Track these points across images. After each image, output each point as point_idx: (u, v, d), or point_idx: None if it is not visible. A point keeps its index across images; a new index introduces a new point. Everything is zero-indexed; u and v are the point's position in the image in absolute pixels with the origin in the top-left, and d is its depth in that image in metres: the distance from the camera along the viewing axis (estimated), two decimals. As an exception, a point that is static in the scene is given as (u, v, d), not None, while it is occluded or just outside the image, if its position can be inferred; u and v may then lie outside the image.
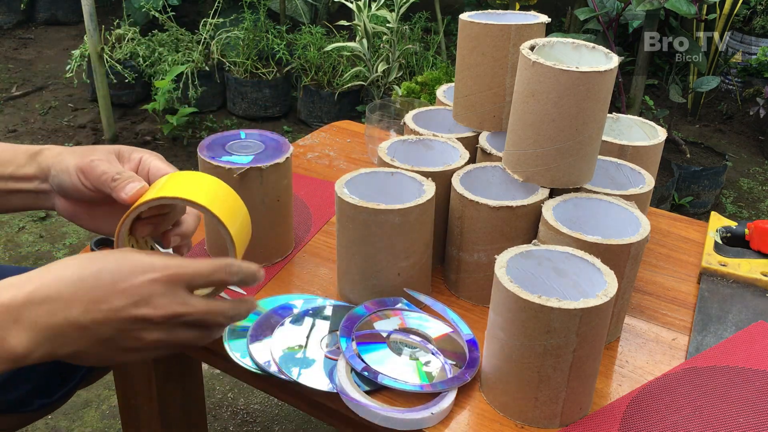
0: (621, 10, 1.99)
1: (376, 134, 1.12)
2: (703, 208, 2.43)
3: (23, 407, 0.88)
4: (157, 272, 0.56)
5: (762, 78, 3.08)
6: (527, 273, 0.69)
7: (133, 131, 2.74)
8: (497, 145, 0.88)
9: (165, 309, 0.56)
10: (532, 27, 0.83)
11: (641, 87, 2.15)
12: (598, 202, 0.77)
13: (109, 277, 0.55)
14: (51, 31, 3.84)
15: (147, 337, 0.56)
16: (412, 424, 0.64)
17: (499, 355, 0.65)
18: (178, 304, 0.56)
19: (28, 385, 0.87)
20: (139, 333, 0.56)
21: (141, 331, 0.56)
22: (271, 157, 0.82)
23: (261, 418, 1.48)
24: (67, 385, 0.92)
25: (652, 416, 0.66)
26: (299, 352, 0.71)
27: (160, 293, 0.56)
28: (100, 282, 0.54)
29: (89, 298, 0.54)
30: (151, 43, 2.79)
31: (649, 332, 0.79)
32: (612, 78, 0.73)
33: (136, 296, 0.55)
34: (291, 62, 2.85)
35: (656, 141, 0.88)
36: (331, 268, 0.87)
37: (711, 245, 0.93)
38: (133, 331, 0.56)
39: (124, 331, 0.55)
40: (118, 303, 0.54)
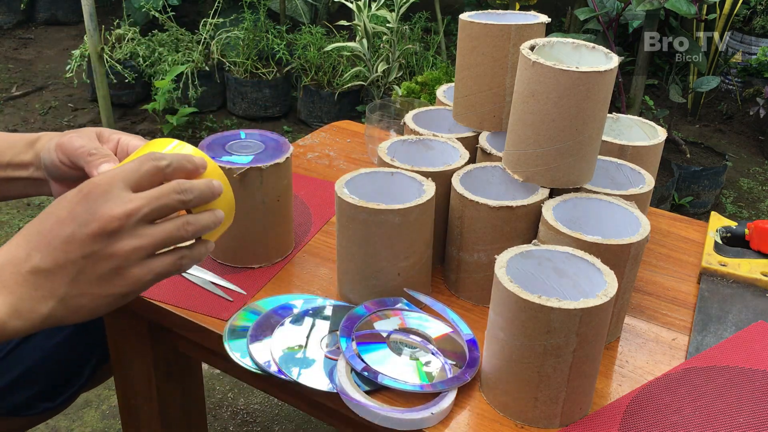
0: (621, 10, 1.99)
1: (376, 134, 1.12)
2: (703, 208, 2.43)
3: (28, 410, 0.88)
4: (88, 188, 0.54)
5: (762, 78, 3.08)
6: (527, 273, 0.69)
7: (133, 131, 2.74)
8: (497, 145, 0.88)
9: (111, 212, 0.53)
10: (532, 27, 0.83)
11: (641, 87, 2.15)
12: (598, 202, 0.77)
13: (50, 218, 0.54)
14: (51, 31, 3.84)
15: (117, 250, 0.53)
16: (412, 424, 0.64)
17: (499, 355, 0.65)
18: (123, 202, 0.53)
19: (33, 388, 0.87)
20: (106, 251, 0.53)
21: (106, 248, 0.53)
22: (271, 157, 0.82)
23: (261, 418, 1.48)
24: (71, 389, 0.92)
25: (652, 416, 0.66)
26: (299, 352, 0.71)
27: (101, 202, 0.53)
28: (43, 225, 0.53)
29: (39, 243, 0.53)
30: (151, 43, 2.79)
31: (649, 332, 0.79)
32: (612, 78, 0.73)
33: (79, 218, 0.53)
34: (291, 62, 2.85)
35: (656, 141, 0.88)
36: (331, 268, 0.87)
37: (711, 245, 0.93)
38: (98, 251, 0.53)
39: (89, 256, 0.53)
40: (65, 232, 0.52)
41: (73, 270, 0.53)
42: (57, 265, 0.53)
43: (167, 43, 2.81)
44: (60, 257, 0.53)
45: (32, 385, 0.87)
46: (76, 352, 0.92)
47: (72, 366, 0.92)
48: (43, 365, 0.88)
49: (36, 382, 0.88)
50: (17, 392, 0.86)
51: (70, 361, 0.92)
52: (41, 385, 0.88)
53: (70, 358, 0.91)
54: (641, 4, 1.84)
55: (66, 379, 0.91)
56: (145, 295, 0.79)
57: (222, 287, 0.81)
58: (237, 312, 0.77)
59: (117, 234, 0.53)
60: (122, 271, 0.54)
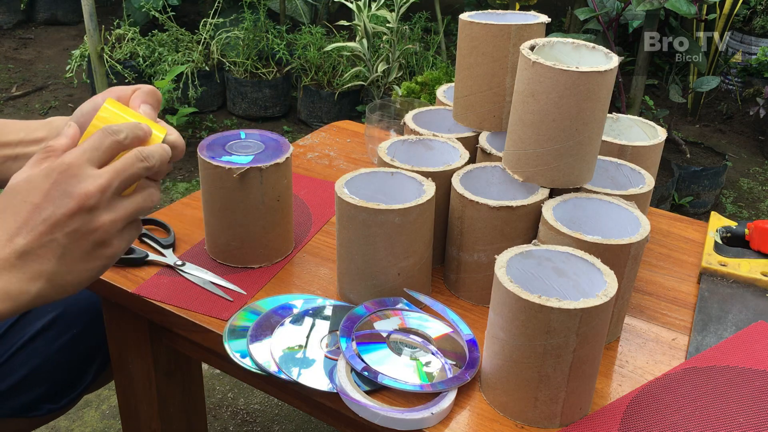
0: (621, 10, 1.99)
1: (376, 134, 1.12)
2: (703, 208, 2.43)
3: (31, 412, 0.88)
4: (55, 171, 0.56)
5: (762, 78, 3.08)
6: (527, 273, 0.69)
7: (133, 131, 2.74)
8: (497, 145, 0.88)
9: (86, 190, 0.55)
10: (532, 27, 0.83)
11: (641, 87, 2.15)
12: (598, 202, 0.77)
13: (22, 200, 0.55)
14: (51, 31, 3.84)
15: (98, 224, 0.56)
16: (412, 424, 0.64)
17: (499, 355, 0.65)
18: (93, 179, 0.56)
19: (36, 390, 0.88)
20: (87, 226, 0.56)
21: (88, 223, 0.56)
22: (271, 157, 0.82)
23: (261, 418, 1.48)
24: (74, 391, 0.92)
25: (652, 416, 0.66)
26: (299, 352, 0.71)
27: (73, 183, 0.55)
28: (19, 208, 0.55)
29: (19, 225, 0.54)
30: (151, 43, 2.79)
31: (649, 332, 0.79)
32: (612, 78, 0.73)
33: (55, 200, 0.55)
34: (291, 62, 2.85)
35: (656, 141, 0.88)
36: (331, 268, 0.87)
37: (711, 245, 0.93)
38: (80, 228, 0.56)
39: (73, 233, 0.55)
40: (44, 214, 0.55)
41: (59, 248, 0.55)
42: (42, 246, 0.55)
43: (167, 43, 2.81)
44: (44, 238, 0.55)
45: (36, 387, 0.87)
46: (80, 354, 0.92)
47: (76, 368, 0.92)
48: (47, 367, 0.88)
49: (40, 384, 0.88)
50: (21, 394, 0.86)
51: (74, 363, 0.92)
52: (45, 387, 0.88)
53: (74, 360, 0.92)
54: (641, 4, 1.84)
55: (70, 381, 0.92)
56: (145, 295, 0.79)
57: (222, 287, 0.81)
58: (237, 312, 0.77)
59: (95, 209, 0.56)
60: (104, 244, 0.57)
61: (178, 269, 0.84)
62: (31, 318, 0.88)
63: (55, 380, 0.90)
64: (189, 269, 0.84)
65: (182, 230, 0.92)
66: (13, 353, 0.86)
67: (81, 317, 0.91)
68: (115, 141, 0.59)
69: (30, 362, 0.87)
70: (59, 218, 0.55)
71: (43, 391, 0.88)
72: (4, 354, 0.86)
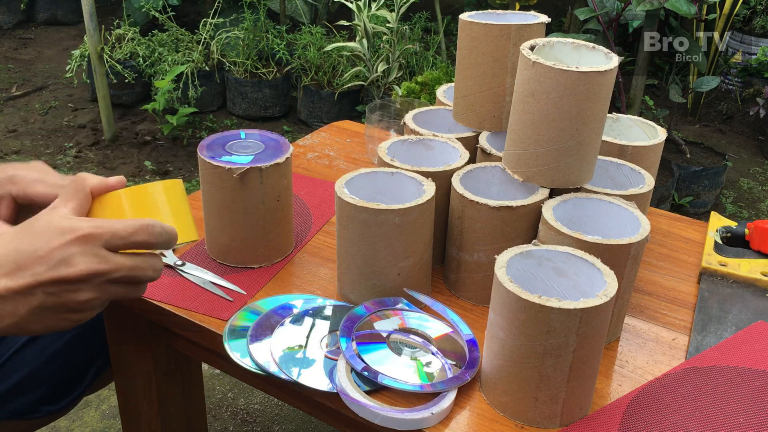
0: (621, 10, 1.99)
1: (376, 134, 1.12)
2: (703, 208, 2.43)
3: (31, 414, 0.88)
4: (72, 233, 0.57)
5: (762, 78, 3.08)
6: (527, 273, 0.69)
7: (133, 131, 2.74)
8: (497, 145, 0.88)
9: (83, 267, 0.56)
10: (532, 27, 0.83)
11: (641, 87, 2.15)
12: (598, 202, 0.77)
13: (30, 247, 0.56)
14: (51, 31, 3.84)
15: (79, 297, 0.57)
16: (412, 424, 0.64)
17: (499, 355, 0.65)
18: (98, 261, 0.57)
19: (36, 392, 0.87)
20: (68, 295, 0.57)
21: (69, 293, 0.57)
22: (271, 157, 0.82)
23: (261, 418, 1.48)
24: (74, 392, 0.92)
25: (652, 416, 0.66)
26: (299, 352, 0.71)
27: (78, 252, 0.56)
28: (21, 252, 0.56)
29: (12, 268, 0.56)
30: (151, 43, 2.79)
31: (649, 332, 0.79)
32: (612, 78, 0.73)
33: (54, 259, 0.56)
34: (291, 62, 2.85)
35: (656, 141, 0.88)
36: (331, 268, 0.87)
37: (711, 245, 0.93)
38: (62, 293, 0.57)
39: (52, 295, 0.56)
40: (39, 268, 0.56)
41: (35, 302, 0.57)
42: (21, 294, 0.56)
43: (167, 43, 2.81)
44: (24, 288, 0.56)
45: (35, 389, 0.87)
46: (80, 355, 0.92)
47: (75, 370, 0.92)
48: (46, 369, 0.88)
49: (39, 386, 0.88)
50: (20, 396, 0.86)
51: (74, 364, 0.92)
52: (44, 388, 0.88)
53: (73, 361, 0.91)
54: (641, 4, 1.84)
55: (69, 382, 0.92)
56: (145, 295, 0.79)
57: (222, 287, 0.81)
58: (237, 312, 0.77)
59: (80, 284, 0.57)
60: (77, 312, 0.59)
61: (178, 269, 0.84)
62: None
63: (55, 382, 0.90)
64: (189, 269, 0.84)
65: (182, 230, 0.92)
66: (11, 355, 0.86)
67: None
68: (146, 242, 0.59)
69: (28, 364, 0.87)
70: (48, 280, 0.56)
71: (42, 392, 0.88)
72: (2, 356, 0.86)
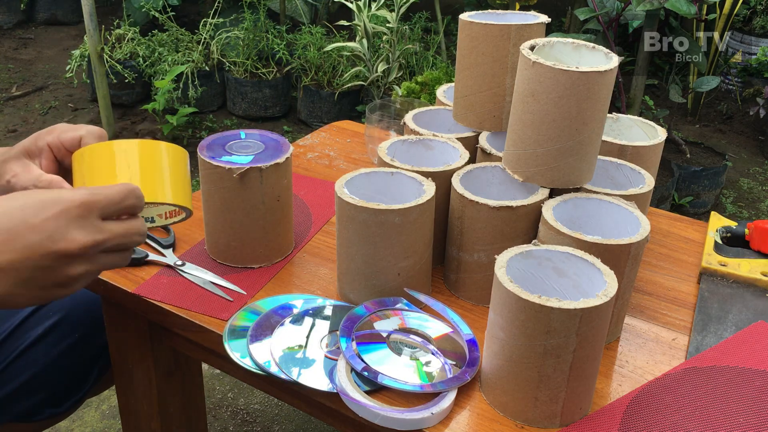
0: (621, 10, 1.99)
1: (376, 134, 1.12)
2: (703, 208, 2.43)
3: (33, 416, 0.88)
4: (66, 203, 0.55)
5: (762, 78, 3.08)
6: (527, 273, 0.69)
7: (133, 131, 2.75)
8: (497, 145, 0.88)
9: (82, 240, 0.55)
10: (532, 27, 0.83)
11: (641, 87, 2.15)
12: (598, 202, 0.77)
13: (19, 215, 0.54)
14: (51, 31, 3.84)
15: (72, 271, 0.55)
16: (412, 424, 0.64)
17: (499, 355, 0.65)
18: (95, 232, 0.55)
19: (39, 395, 0.88)
20: (61, 269, 0.55)
21: (63, 267, 0.55)
22: (271, 157, 0.82)
23: (261, 418, 1.48)
24: (76, 395, 0.92)
25: (652, 416, 0.66)
26: (299, 352, 0.71)
27: (75, 225, 0.55)
28: (12, 222, 0.53)
29: (2, 240, 0.53)
30: (151, 43, 2.79)
31: (649, 332, 0.79)
32: (612, 78, 0.73)
33: (49, 230, 0.54)
34: (291, 62, 2.85)
35: (656, 141, 0.88)
36: (331, 268, 0.87)
37: (711, 245, 0.93)
38: (54, 268, 0.55)
39: (45, 268, 0.54)
40: (31, 239, 0.53)
41: (24, 275, 0.54)
42: (11, 266, 0.53)
43: (167, 43, 2.81)
44: (16, 260, 0.53)
45: (38, 392, 0.87)
46: (82, 358, 0.92)
47: (77, 373, 0.92)
48: (49, 372, 0.88)
49: (42, 389, 0.88)
50: (23, 399, 0.86)
51: (76, 367, 0.92)
52: (47, 391, 0.88)
53: (76, 364, 0.92)
54: (641, 4, 1.84)
55: (72, 385, 0.92)
56: (145, 295, 0.79)
57: (222, 287, 0.81)
58: (237, 312, 0.77)
59: (77, 258, 0.55)
60: (65, 286, 0.57)
61: (178, 269, 0.84)
62: (32, 323, 0.88)
63: (57, 385, 0.90)
64: (189, 269, 0.84)
65: (182, 230, 0.92)
66: (14, 359, 0.86)
67: (82, 321, 0.91)
68: (134, 206, 0.59)
69: (31, 367, 0.87)
70: (41, 251, 0.54)
71: (45, 395, 0.88)
72: (5, 359, 0.86)
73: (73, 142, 0.67)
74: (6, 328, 0.87)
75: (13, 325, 0.87)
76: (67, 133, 0.68)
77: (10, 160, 0.68)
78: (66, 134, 0.68)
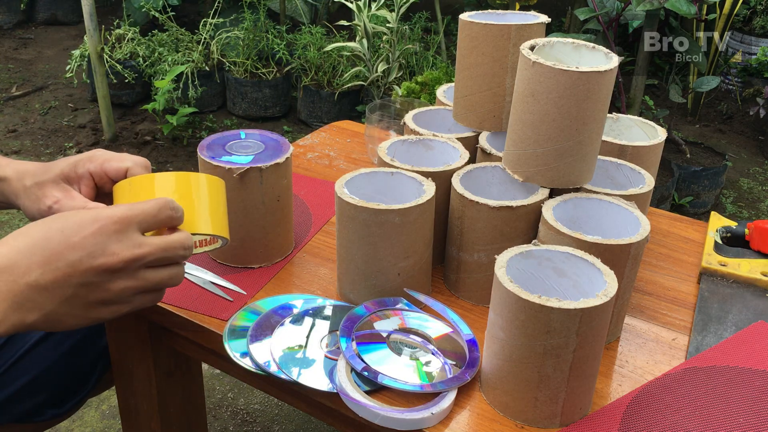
0: (621, 10, 1.99)
1: (376, 134, 1.12)
2: (703, 208, 2.43)
3: (35, 417, 0.88)
4: (104, 220, 0.56)
5: (762, 78, 3.08)
6: (527, 273, 0.69)
7: (133, 131, 2.74)
8: (497, 145, 0.88)
9: (122, 254, 0.56)
10: (532, 27, 0.83)
11: (641, 87, 2.15)
12: (598, 202, 0.77)
13: (59, 236, 0.55)
14: (51, 31, 3.84)
15: (113, 287, 0.56)
16: (412, 424, 0.64)
17: (499, 355, 0.65)
18: (134, 246, 0.56)
19: (41, 396, 0.88)
20: (104, 285, 0.56)
21: (105, 282, 0.56)
22: (271, 157, 0.82)
23: (261, 418, 1.48)
24: (78, 396, 0.92)
25: (652, 416, 0.66)
26: (299, 352, 0.71)
27: (114, 240, 0.56)
28: (52, 242, 0.55)
29: (44, 259, 0.54)
30: (151, 43, 2.79)
31: (649, 332, 0.79)
32: (612, 78, 0.73)
33: (89, 247, 0.55)
34: (291, 62, 2.85)
35: (656, 141, 0.88)
36: (331, 268, 0.87)
37: (711, 245, 0.93)
38: (97, 284, 0.56)
39: (87, 285, 0.55)
40: (73, 257, 0.55)
41: (68, 293, 0.55)
42: (55, 285, 0.55)
43: (167, 43, 2.81)
44: (59, 278, 0.55)
45: (40, 393, 0.88)
46: (83, 360, 0.92)
47: (79, 374, 0.92)
48: (51, 374, 0.88)
49: (44, 390, 0.88)
50: (25, 400, 0.86)
51: (78, 368, 0.92)
52: (49, 392, 0.88)
53: (78, 365, 0.92)
54: (641, 4, 1.84)
55: (74, 386, 0.92)
56: (145, 295, 0.79)
57: (222, 287, 0.81)
58: (237, 312, 0.77)
59: (118, 273, 0.57)
60: (109, 304, 0.58)
61: (178, 269, 0.84)
62: None
63: (59, 386, 0.90)
64: (189, 269, 0.84)
65: (182, 230, 0.92)
66: (16, 360, 0.86)
67: None
68: (171, 217, 0.60)
69: (33, 368, 0.87)
70: (83, 268, 0.55)
71: (46, 396, 0.88)
72: (7, 361, 0.86)
73: (119, 173, 0.69)
74: None
75: None
76: (112, 163, 0.69)
77: (47, 185, 0.69)
78: (110, 164, 0.69)
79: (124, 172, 0.69)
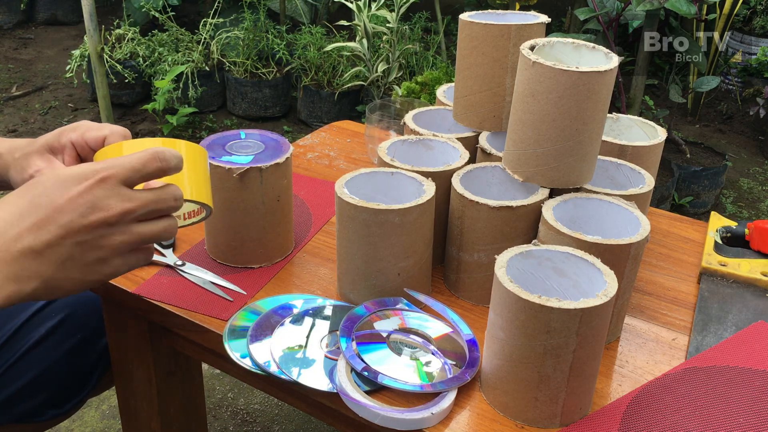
0: (621, 10, 1.99)
1: (376, 134, 1.12)
2: (703, 208, 2.43)
3: (35, 417, 0.88)
4: (91, 178, 0.55)
5: (762, 78, 3.08)
6: (527, 273, 0.69)
7: (133, 131, 2.75)
8: (497, 145, 0.88)
9: (115, 208, 0.54)
10: (532, 27, 0.83)
11: (641, 87, 2.15)
12: (598, 202, 0.77)
13: (46, 199, 0.54)
14: (51, 31, 3.84)
15: (108, 243, 0.55)
16: (412, 424, 0.64)
17: (499, 355, 0.65)
18: (125, 200, 0.55)
19: (41, 396, 0.88)
20: (98, 241, 0.55)
21: (100, 238, 0.55)
22: (271, 157, 0.82)
23: (261, 418, 1.48)
24: (78, 396, 0.92)
25: (652, 416, 0.66)
26: (299, 352, 0.71)
27: (104, 196, 0.54)
28: (40, 206, 0.54)
29: (34, 224, 0.53)
30: (151, 43, 2.79)
31: (649, 332, 0.79)
32: (612, 78, 0.73)
33: (80, 206, 0.54)
34: (291, 62, 2.85)
35: (656, 141, 0.88)
36: (331, 268, 0.87)
37: (711, 245, 0.93)
38: (91, 241, 0.55)
39: (82, 244, 0.54)
40: (64, 218, 0.53)
41: (64, 255, 0.54)
42: (48, 248, 0.54)
43: (167, 43, 2.81)
44: (53, 241, 0.54)
45: (40, 393, 0.87)
46: (84, 360, 0.92)
47: (79, 374, 0.92)
48: (51, 373, 0.88)
49: (44, 390, 0.88)
50: (25, 400, 0.86)
51: (78, 369, 0.92)
52: (49, 392, 0.88)
53: (78, 366, 0.92)
54: (641, 4, 1.84)
55: (74, 386, 0.92)
56: (145, 295, 0.79)
57: (222, 287, 0.81)
58: (237, 312, 0.77)
59: (111, 228, 0.55)
60: (106, 261, 0.56)
61: (178, 269, 0.84)
62: (35, 324, 0.88)
63: (59, 386, 0.90)
64: (189, 269, 0.84)
65: (182, 230, 0.92)
66: (16, 360, 0.86)
67: (84, 323, 0.91)
68: (160, 169, 0.57)
69: (34, 369, 0.87)
70: (76, 227, 0.54)
71: (47, 396, 0.88)
72: (8, 361, 0.86)
73: (97, 141, 0.68)
74: (9, 330, 0.87)
75: (15, 327, 0.87)
76: (92, 132, 0.68)
77: (32, 154, 0.68)
78: (90, 133, 0.68)
79: (102, 141, 0.68)
